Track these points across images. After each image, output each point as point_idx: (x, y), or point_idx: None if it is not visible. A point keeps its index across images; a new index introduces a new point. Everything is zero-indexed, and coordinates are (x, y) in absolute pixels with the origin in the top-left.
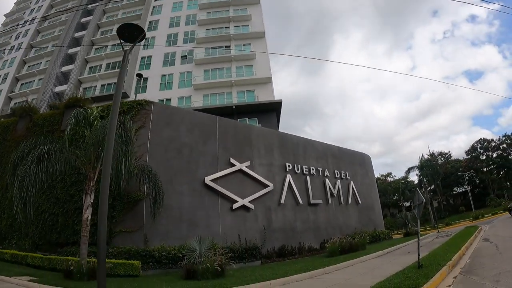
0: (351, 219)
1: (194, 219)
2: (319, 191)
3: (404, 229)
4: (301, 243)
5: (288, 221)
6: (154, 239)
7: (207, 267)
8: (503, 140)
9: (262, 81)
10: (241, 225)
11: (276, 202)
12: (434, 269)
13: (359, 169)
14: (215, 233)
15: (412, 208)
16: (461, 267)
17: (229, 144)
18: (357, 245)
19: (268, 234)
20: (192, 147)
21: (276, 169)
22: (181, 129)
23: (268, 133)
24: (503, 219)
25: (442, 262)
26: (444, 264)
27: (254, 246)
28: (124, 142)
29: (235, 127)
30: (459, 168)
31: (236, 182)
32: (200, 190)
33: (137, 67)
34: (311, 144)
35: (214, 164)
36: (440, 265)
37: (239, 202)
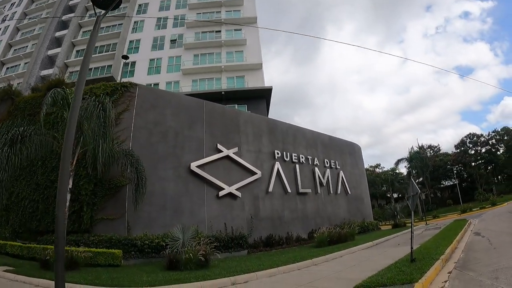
0: (340, 209)
1: (178, 206)
2: (308, 180)
3: (393, 220)
4: (289, 232)
5: (276, 210)
6: (136, 227)
7: (190, 257)
8: (493, 135)
9: (253, 67)
10: (228, 214)
11: (264, 190)
12: (427, 263)
13: (349, 158)
14: (201, 221)
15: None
16: (455, 262)
17: (216, 129)
18: (346, 236)
19: (255, 223)
20: (178, 131)
21: (265, 157)
22: (166, 113)
23: (256, 119)
24: (492, 213)
25: (435, 256)
26: (437, 258)
27: (241, 235)
28: (102, 123)
29: (223, 112)
30: (447, 161)
31: (223, 168)
32: (185, 176)
33: (125, 50)
34: (301, 132)
35: (200, 150)
36: (434, 259)
37: (226, 190)
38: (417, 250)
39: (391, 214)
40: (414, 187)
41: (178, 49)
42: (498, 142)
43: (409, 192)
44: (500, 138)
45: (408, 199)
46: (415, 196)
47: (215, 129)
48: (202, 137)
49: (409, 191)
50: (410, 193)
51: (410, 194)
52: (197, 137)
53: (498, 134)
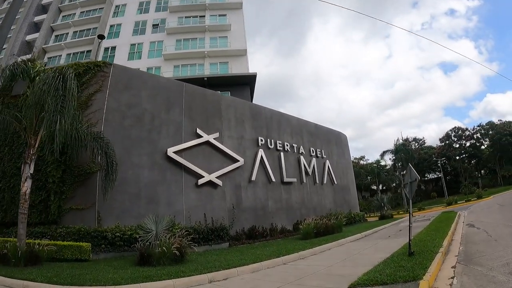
0: (326, 200)
1: (154, 195)
2: (293, 169)
3: (379, 212)
4: (273, 224)
5: (259, 200)
6: (108, 217)
7: (163, 251)
8: (478, 129)
9: (237, 53)
10: (207, 203)
11: (246, 179)
12: (428, 257)
13: (336, 148)
14: (178, 211)
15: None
16: (456, 255)
17: (196, 113)
18: (333, 227)
19: (237, 214)
20: (154, 114)
21: (248, 143)
22: (142, 95)
23: (239, 104)
24: (479, 206)
25: (434, 249)
26: (436, 251)
27: (222, 227)
28: (61, 96)
29: (204, 95)
30: (432, 154)
31: (202, 155)
32: (161, 163)
33: (105, 35)
34: (286, 119)
35: (179, 135)
36: (433, 252)
37: (206, 178)
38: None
39: (378, 205)
40: (413, 173)
41: (160, 34)
42: (482, 137)
43: (407, 179)
44: (485, 133)
45: (405, 186)
46: (413, 183)
47: (195, 113)
48: (180, 121)
49: (406, 178)
50: (407, 179)
51: (407, 181)
52: (175, 121)
53: (483, 128)
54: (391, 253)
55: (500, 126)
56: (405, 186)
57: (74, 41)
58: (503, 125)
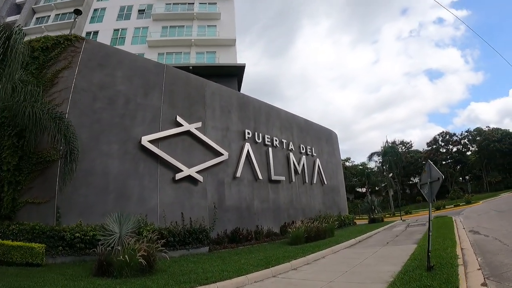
0: (315, 201)
1: (124, 190)
2: (281, 166)
3: (369, 215)
4: (259, 226)
5: (244, 199)
6: (69, 214)
7: (125, 260)
8: (465, 135)
9: (225, 43)
10: (186, 201)
11: (230, 175)
12: (451, 273)
13: (326, 146)
14: (151, 209)
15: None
16: (478, 268)
17: (178, 99)
18: (325, 231)
19: (219, 214)
20: (129, 98)
21: (233, 135)
22: (117, 75)
23: (226, 92)
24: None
25: (451, 261)
26: (455, 264)
27: (201, 229)
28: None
29: (187, 80)
30: (418, 158)
31: (182, 147)
32: (134, 153)
33: (89, 19)
34: (275, 112)
35: (156, 122)
36: (452, 265)
37: (184, 172)
38: (419, 250)
39: (368, 208)
40: (434, 171)
41: (146, 20)
42: (470, 142)
43: (424, 179)
44: (472, 139)
45: (423, 187)
46: (435, 183)
47: (176, 99)
48: (159, 107)
49: (423, 177)
50: (425, 179)
51: (426, 181)
52: (152, 106)
53: (471, 134)
54: (401, 265)
55: (488, 133)
56: (422, 186)
57: (55, 24)
58: (491, 132)
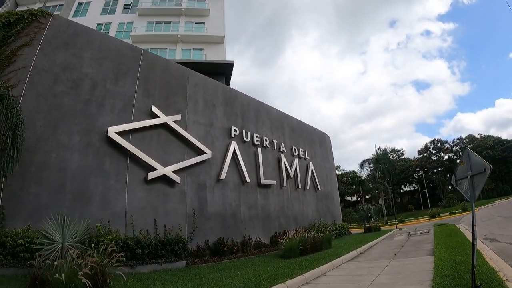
0: (308, 208)
1: (85, 189)
2: (272, 169)
3: (364, 223)
4: (246, 236)
5: (230, 205)
6: (17, 216)
7: (59, 280)
8: (457, 142)
9: (213, 40)
10: (160, 206)
11: (214, 177)
12: None
13: (319, 150)
14: (117, 214)
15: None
16: None
17: (154, 87)
18: (321, 242)
19: (200, 222)
20: (97, 82)
21: (218, 132)
22: (85, 56)
23: (211, 84)
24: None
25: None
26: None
27: (177, 239)
28: None
29: (166, 67)
30: (409, 167)
31: (157, 142)
32: (99, 146)
33: (72, 13)
34: (265, 109)
35: (127, 112)
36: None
37: (158, 171)
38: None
39: (363, 216)
40: (477, 161)
41: (132, 14)
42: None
43: (461, 174)
44: (464, 146)
45: (460, 184)
46: (479, 177)
47: (153, 87)
48: (132, 95)
49: (459, 172)
50: (462, 174)
51: (464, 175)
52: (124, 94)
53: (462, 142)
54: (428, 284)
55: (481, 140)
56: (459, 183)
57: None
58: (483, 139)
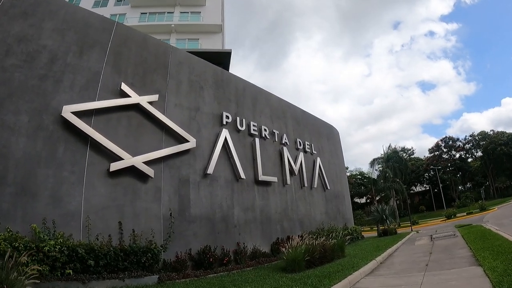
0: (316, 210)
1: (31, 182)
2: (272, 163)
3: (381, 225)
4: (241, 243)
5: (220, 206)
6: None
7: None
8: (469, 139)
9: (210, 29)
10: (127, 205)
11: (199, 171)
12: None
13: (327, 144)
14: (71, 214)
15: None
16: None
17: (128, 63)
18: (332, 250)
19: (181, 226)
20: (57, 56)
21: (205, 119)
22: (45, 27)
23: (198, 63)
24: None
25: None
26: None
27: (147, 248)
28: None
29: (144, 42)
30: (419, 166)
31: (127, 126)
32: (52, 129)
33: None
34: (264, 96)
35: (90, 89)
36: None
37: (125, 161)
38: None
39: (378, 218)
40: None
41: (124, 6)
42: (475, 147)
43: None
44: (477, 143)
45: None
46: None
47: (126, 63)
48: (98, 70)
49: None
50: None
51: None
52: (88, 68)
53: (475, 139)
54: None
55: (494, 136)
56: None
57: None
58: (497, 135)
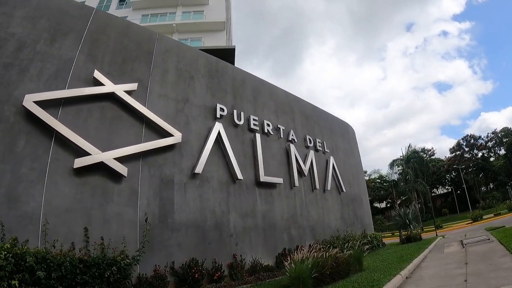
0: (330, 215)
1: None
2: (277, 163)
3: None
4: (238, 255)
5: (212, 211)
6: None
7: None
8: (492, 137)
9: (213, 27)
10: (96, 208)
11: (186, 170)
12: None
13: (342, 142)
14: (29, 216)
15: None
16: None
17: (106, 52)
18: (348, 264)
19: (161, 234)
20: (25, 43)
21: (196, 111)
22: (16, 15)
23: (189, 52)
24: None
25: None
26: None
27: (112, 260)
28: None
29: (126, 29)
30: (440, 167)
31: (99, 118)
32: (13, 121)
33: None
34: (268, 89)
35: (60, 79)
36: None
37: (93, 156)
38: None
39: (400, 223)
40: None
41: (126, 9)
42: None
43: None
44: (499, 141)
45: None
46: None
47: (103, 51)
48: (71, 58)
49: None
50: None
51: None
52: (60, 56)
53: (497, 136)
54: None
55: None
56: None
57: None
58: None
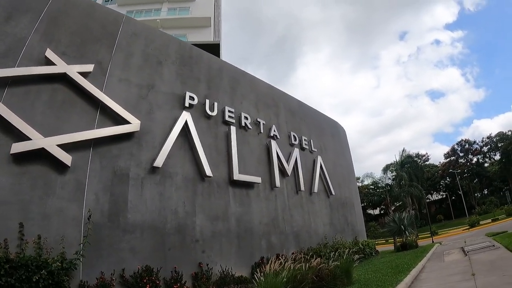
0: (317, 220)
1: None
2: (256, 160)
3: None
4: (204, 264)
5: (174, 211)
6: None
7: None
8: (487, 141)
9: (198, 23)
10: (34, 202)
11: (145, 163)
12: None
13: (332, 142)
14: None
15: None
16: None
17: (65, 31)
18: (334, 276)
19: (110, 236)
20: None
21: (162, 99)
22: None
23: (159, 37)
24: None
25: None
26: None
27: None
28: None
29: (91, 10)
30: (434, 173)
31: (48, 102)
32: None
33: None
34: (248, 80)
35: (11, 58)
36: None
37: (33, 142)
38: None
39: (395, 229)
40: None
41: (111, 6)
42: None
43: None
44: (494, 146)
45: None
46: None
47: (62, 31)
48: (24, 36)
49: None
50: None
51: None
52: (13, 35)
53: (492, 141)
54: None
55: None
56: None
57: None
58: None
